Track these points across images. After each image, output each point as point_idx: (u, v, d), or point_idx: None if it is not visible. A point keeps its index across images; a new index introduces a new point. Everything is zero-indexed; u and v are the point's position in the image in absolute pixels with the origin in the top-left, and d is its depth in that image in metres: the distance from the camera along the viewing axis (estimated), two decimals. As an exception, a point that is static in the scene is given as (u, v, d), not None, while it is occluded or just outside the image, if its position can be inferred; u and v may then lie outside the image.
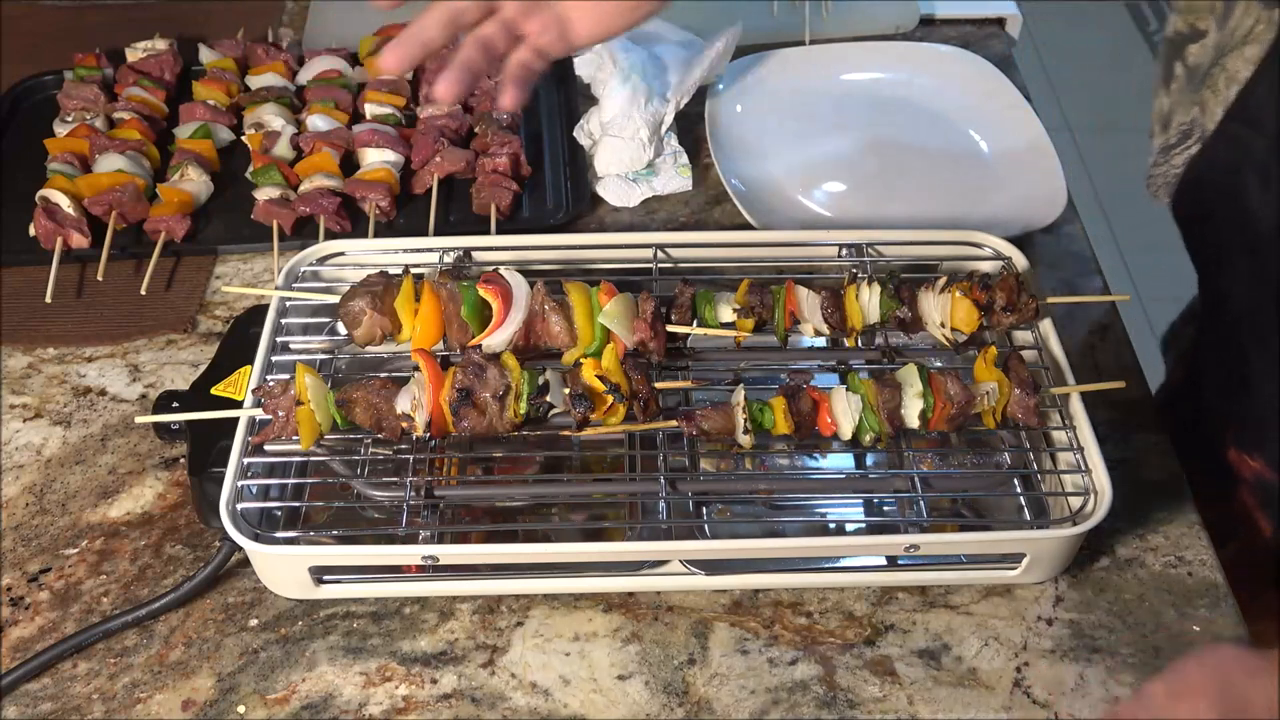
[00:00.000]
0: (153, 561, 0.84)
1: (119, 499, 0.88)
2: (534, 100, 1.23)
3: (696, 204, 1.13)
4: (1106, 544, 0.85)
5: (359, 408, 0.80)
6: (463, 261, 0.93)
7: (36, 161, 1.11)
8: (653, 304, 0.84)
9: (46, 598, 0.82)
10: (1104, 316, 1.02)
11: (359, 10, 1.32)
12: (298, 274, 0.92)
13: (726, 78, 1.21)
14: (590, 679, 0.78)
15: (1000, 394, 0.82)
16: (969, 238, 0.94)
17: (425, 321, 0.84)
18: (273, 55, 1.22)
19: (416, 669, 0.78)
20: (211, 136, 1.14)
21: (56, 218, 1.04)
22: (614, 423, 0.80)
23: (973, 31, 1.33)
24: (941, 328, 0.87)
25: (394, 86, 1.18)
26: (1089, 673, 0.78)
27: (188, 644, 0.79)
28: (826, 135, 1.19)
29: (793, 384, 0.82)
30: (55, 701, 0.77)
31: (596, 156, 1.13)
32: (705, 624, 0.81)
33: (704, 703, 0.76)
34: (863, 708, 0.76)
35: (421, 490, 0.80)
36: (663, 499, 0.80)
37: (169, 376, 0.97)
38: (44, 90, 1.23)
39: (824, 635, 0.80)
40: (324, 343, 0.90)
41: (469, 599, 0.82)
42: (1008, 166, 1.15)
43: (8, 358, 0.99)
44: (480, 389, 0.79)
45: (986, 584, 0.83)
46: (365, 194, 1.07)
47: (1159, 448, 0.91)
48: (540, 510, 0.88)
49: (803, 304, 0.87)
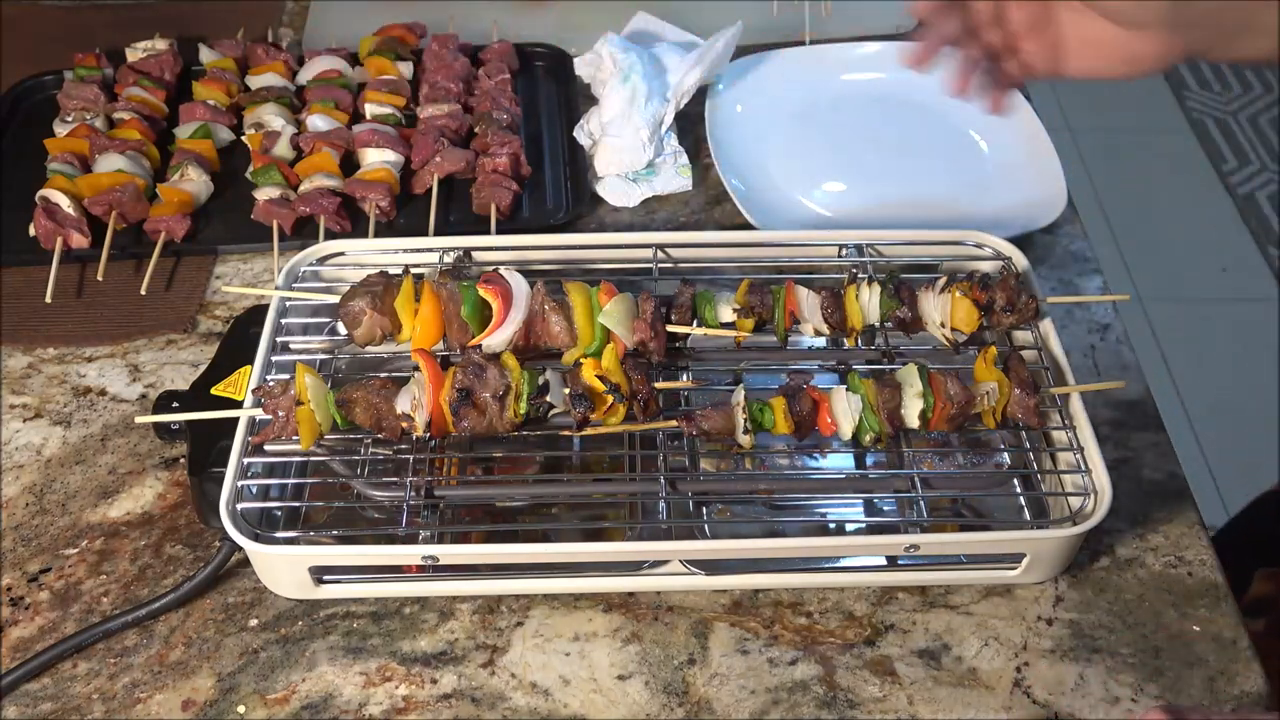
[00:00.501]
0: (153, 561, 0.84)
1: (119, 499, 0.88)
2: (534, 100, 1.23)
3: (696, 204, 1.13)
4: (1106, 544, 0.85)
5: (359, 408, 0.80)
6: (463, 261, 0.93)
7: (36, 161, 1.11)
8: (653, 304, 0.84)
9: (46, 598, 0.82)
10: (1104, 316, 1.02)
11: (359, 10, 1.32)
12: (298, 274, 0.92)
13: (726, 78, 1.21)
14: (590, 679, 0.78)
15: (1000, 394, 0.82)
16: (969, 238, 0.94)
17: (425, 321, 0.84)
18: (273, 55, 1.22)
19: (416, 669, 0.78)
20: (211, 136, 1.14)
21: (56, 218, 1.04)
22: (614, 423, 0.80)
23: (973, 31, 1.33)
24: (941, 328, 0.87)
25: (394, 86, 1.18)
26: (1089, 673, 0.78)
27: (188, 644, 0.79)
28: (826, 135, 1.19)
29: (793, 384, 0.82)
30: (55, 701, 0.77)
31: (596, 156, 1.13)
32: (705, 624, 0.81)
33: (704, 703, 0.76)
34: (863, 708, 0.76)
35: (421, 490, 0.80)
36: (663, 499, 0.80)
37: (169, 376, 0.97)
38: (44, 90, 1.23)
39: (824, 635, 0.80)
40: (324, 343, 0.90)
41: (469, 599, 0.82)
42: (1008, 166, 1.15)
43: (8, 358, 0.99)
44: (480, 389, 0.79)
45: (986, 584, 0.83)
46: (365, 194, 1.07)
47: (1159, 448, 0.91)
48: (540, 510, 0.88)
49: (803, 304, 0.87)
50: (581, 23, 1.29)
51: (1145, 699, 0.76)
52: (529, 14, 1.33)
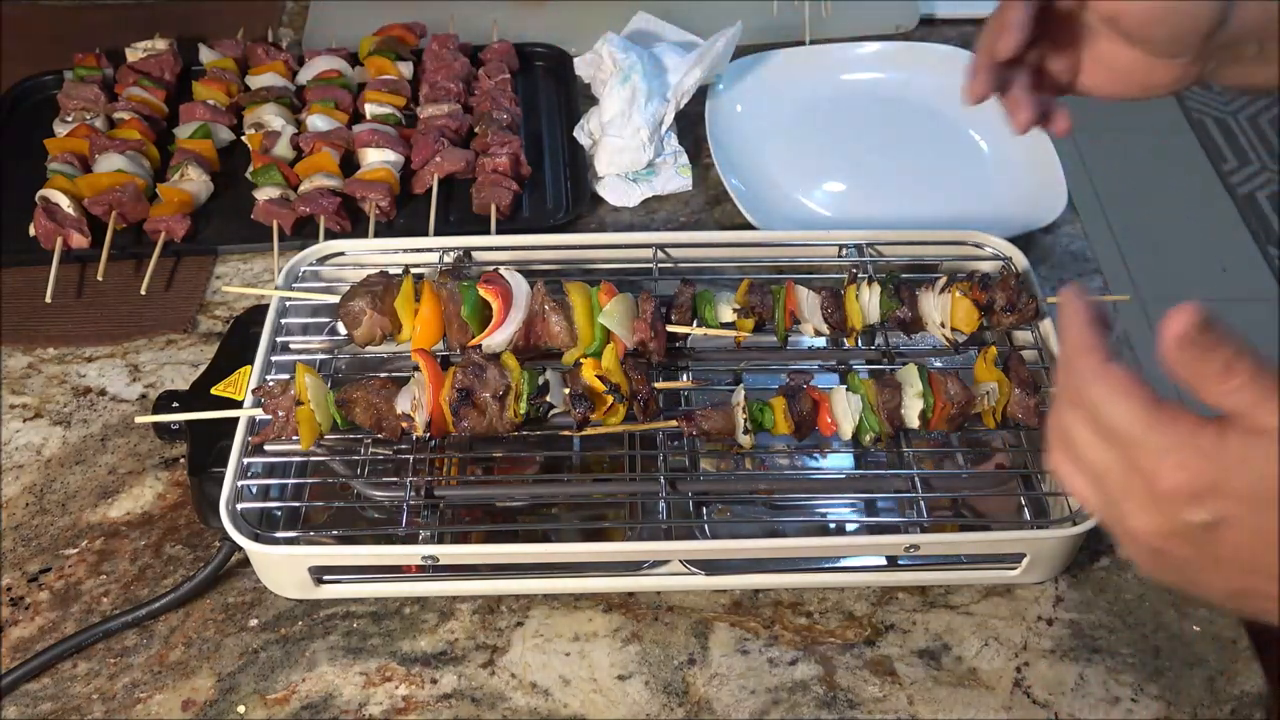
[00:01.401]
0: (153, 561, 0.84)
1: (119, 499, 0.88)
2: (534, 100, 1.23)
3: (696, 204, 1.13)
4: (1106, 544, 0.85)
5: (359, 408, 0.80)
6: (463, 261, 0.93)
7: (37, 161, 1.11)
8: (653, 304, 0.84)
9: (46, 598, 0.82)
10: (1104, 316, 1.01)
11: (359, 10, 1.32)
12: (298, 274, 0.92)
13: (726, 78, 1.21)
14: (590, 679, 0.78)
15: (1000, 394, 0.82)
16: (969, 238, 0.94)
17: (425, 321, 0.84)
18: (273, 55, 1.22)
19: (416, 669, 0.78)
20: (211, 136, 1.14)
21: (56, 218, 1.04)
22: (614, 423, 0.80)
23: (973, 31, 1.33)
24: (942, 328, 0.87)
25: (394, 86, 1.18)
26: (1089, 673, 0.78)
27: (188, 644, 0.79)
28: (826, 135, 1.19)
29: (793, 384, 0.82)
30: (55, 701, 0.77)
31: (596, 156, 1.13)
32: (705, 624, 0.81)
33: (704, 703, 0.76)
34: (863, 708, 0.76)
35: (421, 490, 0.80)
36: (663, 499, 0.80)
37: (169, 376, 0.97)
38: (44, 90, 1.23)
39: (824, 635, 0.80)
40: (324, 343, 0.90)
41: (469, 599, 0.82)
42: (1008, 166, 1.15)
43: (8, 358, 0.99)
44: (480, 389, 0.79)
45: (986, 584, 0.83)
46: (365, 194, 1.07)
47: (1159, 448, 0.91)
48: (540, 510, 0.88)
49: (803, 304, 0.87)
50: (581, 23, 1.29)
51: (1145, 699, 0.76)
52: (529, 14, 1.33)
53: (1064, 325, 0.53)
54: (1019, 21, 0.71)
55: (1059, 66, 0.77)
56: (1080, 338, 0.52)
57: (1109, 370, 0.51)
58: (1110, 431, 0.51)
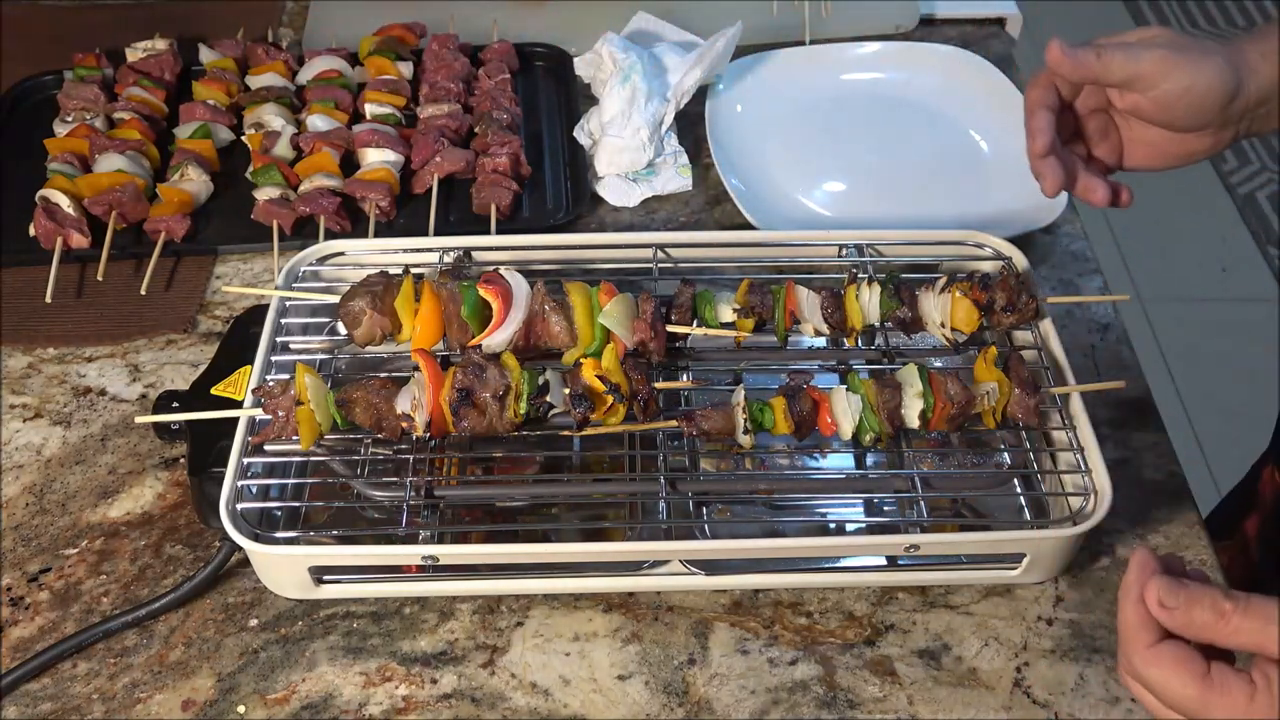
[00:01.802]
0: (153, 561, 0.84)
1: (119, 499, 0.88)
2: (534, 100, 1.23)
3: (696, 204, 1.13)
4: (1106, 544, 0.85)
5: (359, 408, 0.80)
6: (463, 261, 0.93)
7: (37, 161, 1.11)
8: (653, 304, 0.84)
9: (46, 598, 0.82)
10: (1104, 316, 1.02)
11: (359, 10, 1.32)
12: (298, 274, 0.92)
13: (726, 78, 1.21)
14: (590, 679, 0.78)
15: (1000, 394, 0.82)
16: (969, 238, 0.94)
17: (425, 321, 0.84)
18: (273, 55, 1.22)
19: (416, 669, 0.78)
20: (211, 136, 1.14)
21: (56, 218, 1.04)
22: (614, 423, 0.80)
23: (973, 31, 1.33)
24: (941, 328, 0.87)
25: (394, 86, 1.18)
26: (1089, 673, 0.78)
27: (188, 644, 0.79)
28: (826, 135, 1.19)
29: (793, 384, 0.82)
30: (55, 701, 0.77)
31: (596, 156, 1.13)
32: (705, 624, 0.81)
33: (704, 703, 0.76)
34: (863, 708, 0.76)
35: (421, 490, 0.80)
36: (663, 499, 0.80)
37: (169, 376, 0.97)
38: (44, 90, 1.23)
39: (824, 635, 0.80)
40: (324, 343, 0.90)
41: (469, 599, 0.82)
42: (1008, 166, 1.14)
43: (8, 358, 0.99)
44: (480, 389, 0.79)
45: (986, 584, 0.83)
46: (365, 194, 1.07)
47: (1159, 448, 0.91)
48: (540, 510, 0.88)
49: (803, 304, 0.87)
50: (581, 23, 1.29)
51: (1145, 699, 0.76)
52: (529, 14, 1.33)
53: (1126, 584, 0.61)
54: (1041, 127, 0.82)
55: (1104, 151, 0.87)
56: (1134, 615, 0.60)
57: (1159, 655, 0.59)
58: (1174, 705, 0.59)
